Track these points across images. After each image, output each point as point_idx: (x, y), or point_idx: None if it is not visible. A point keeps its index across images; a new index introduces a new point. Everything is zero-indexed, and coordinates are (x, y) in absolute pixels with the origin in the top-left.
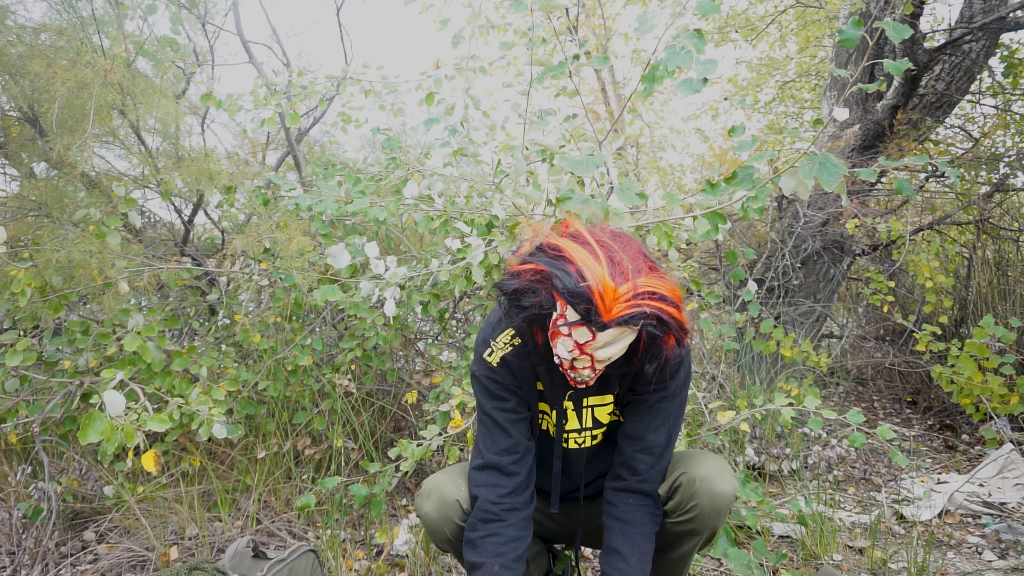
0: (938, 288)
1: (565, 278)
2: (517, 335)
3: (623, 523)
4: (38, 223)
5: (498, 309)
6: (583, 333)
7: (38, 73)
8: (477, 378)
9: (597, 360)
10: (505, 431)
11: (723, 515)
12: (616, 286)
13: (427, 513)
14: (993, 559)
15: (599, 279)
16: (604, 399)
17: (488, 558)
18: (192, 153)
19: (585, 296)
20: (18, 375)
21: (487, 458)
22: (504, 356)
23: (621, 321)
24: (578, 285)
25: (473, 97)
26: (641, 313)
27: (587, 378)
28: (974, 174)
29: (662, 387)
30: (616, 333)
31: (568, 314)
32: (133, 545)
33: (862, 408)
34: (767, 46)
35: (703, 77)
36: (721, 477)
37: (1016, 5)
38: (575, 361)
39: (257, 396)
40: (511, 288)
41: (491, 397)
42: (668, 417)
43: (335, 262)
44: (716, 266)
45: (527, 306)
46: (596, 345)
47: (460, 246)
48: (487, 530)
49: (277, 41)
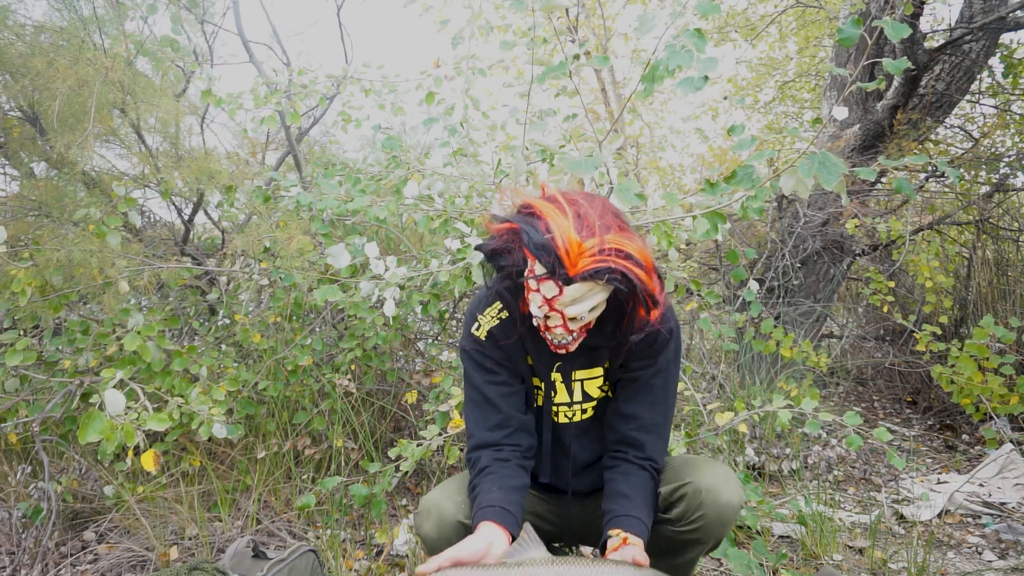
0: (938, 288)
1: (533, 232)
2: (504, 308)
3: (625, 475)
4: (38, 223)
5: (484, 288)
6: (550, 287)
7: (39, 71)
8: (467, 352)
9: (568, 318)
10: (495, 406)
11: (729, 525)
12: (581, 240)
13: (427, 533)
14: (993, 559)
15: (564, 233)
16: (593, 372)
17: (486, 482)
18: (192, 153)
19: (550, 248)
20: (18, 375)
21: (478, 437)
22: (491, 329)
23: (586, 275)
24: (543, 237)
25: (473, 97)
26: (606, 268)
27: (564, 341)
28: (974, 174)
29: (651, 362)
30: (583, 289)
31: (536, 268)
32: (133, 545)
33: (862, 408)
34: (767, 46)
35: (704, 75)
36: (727, 487)
37: (1016, 5)
38: (548, 320)
39: (257, 396)
40: (488, 248)
41: (481, 370)
42: (661, 394)
43: (335, 262)
44: (716, 266)
45: (504, 266)
46: (564, 300)
47: (460, 246)
48: (480, 473)
49: (277, 41)
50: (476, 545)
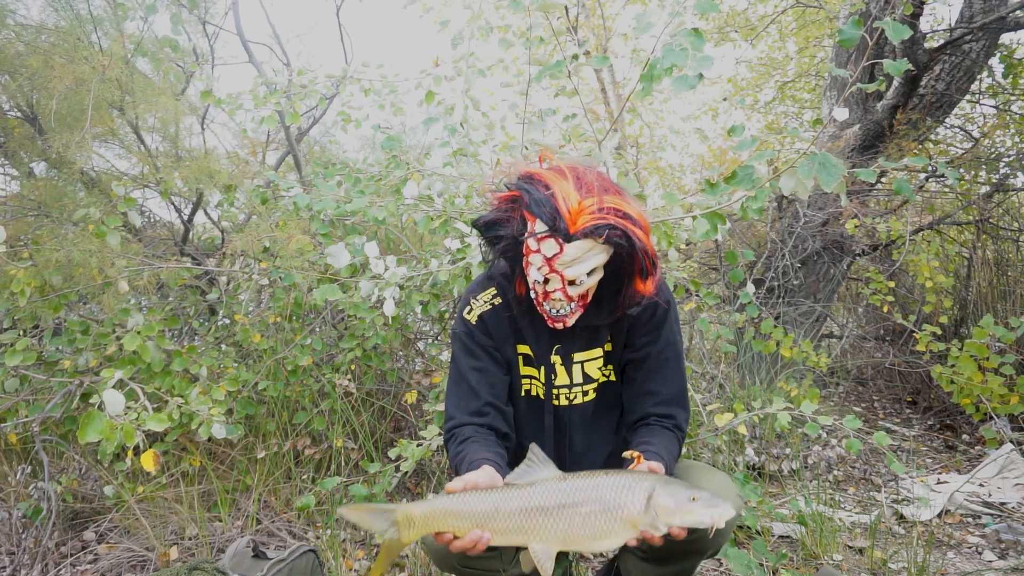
0: (938, 288)
1: (533, 192)
2: (498, 295)
3: (649, 432)
4: (38, 223)
5: (482, 273)
6: (551, 245)
7: (36, 69)
8: (456, 335)
9: (567, 282)
10: (475, 393)
11: (726, 536)
12: (581, 198)
13: (432, 542)
14: (993, 559)
15: (564, 192)
16: (592, 353)
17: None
18: (192, 153)
19: (550, 205)
20: (18, 375)
21: (458, 419)
22: (482, 314)
23: (587, 232)
24: (543, 195)
25: (472, 98)
26: (607, 225)
27: (563, 312)
28: (974, 174)
29: (656, 336)
30: (583, 247)
31: (536, 227)
32: (133, 545)
33: (862, 408)
34: (767, 46)
35: (698, 73)
36: (725, 497)
37: (1016, 5)
38: (547, 284)
39: (257, 396)
40: (486, 219)
41: (468, 355)
42: (673, 365)
43: (335, 261)
44: (716, 266)
45: (502, 236)
46: (564, 259)
47: (460, 246)
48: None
49: (277, 41)
50: (484, 475)
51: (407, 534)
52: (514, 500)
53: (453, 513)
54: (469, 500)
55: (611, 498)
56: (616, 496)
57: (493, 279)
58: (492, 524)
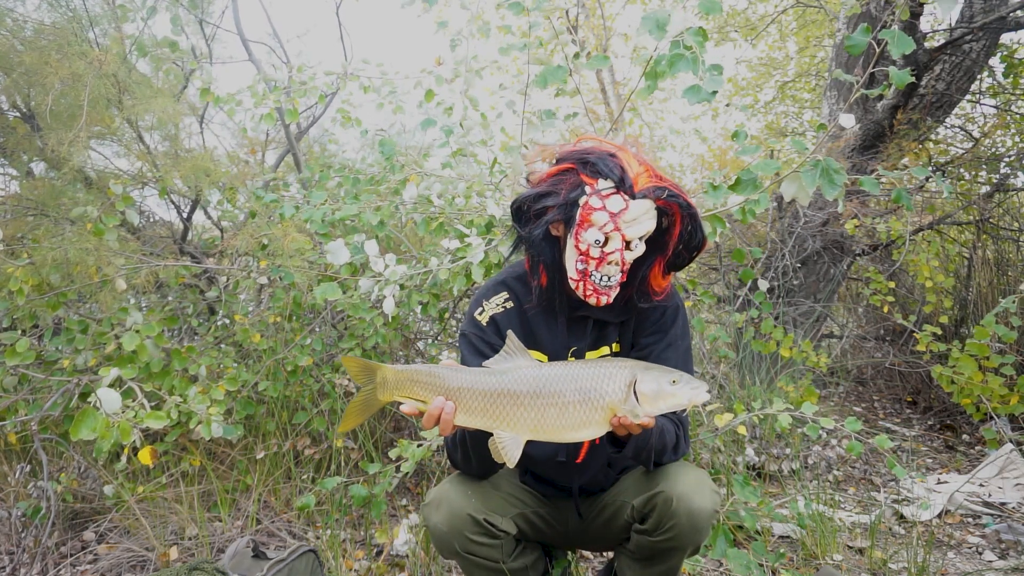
0: (938, 288)
1: (595, 158)
2: (510, 299)
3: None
4: (36, 222)
5: (492, 278)
6: (617, 201)
7: (30, 65)
8: (466, 336)
9: (626, 240)
10: None
11: (704, 531)
12: (638, 163)
13: (436, 524)
14: (993, 559)
15: (627, 159)
16: (601, 352)
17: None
18: (191, 152)
19: (617, 165)
20: (17, 374)
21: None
22: (494, 315)
23: (648, 192)
24: (608, 157)
25: (471, 98)
26: (665, 187)
27: (614, 279)
28: (974, 174)
29: (661, 336)
30: (644, 207)
31: (601, 185)
32: (133, 545)
33: (862, 408)
34: (767, 46)
35: (713, 90)
36: (699, 493)
37: (1016, 5)
38: (606, 245)
39: (257, 396)
40: (532, 193)
41: (477, 354)
42: (673, 364)
43: (334, 258)
44: (716, 266)
45: (550, 206)
46: (628, 216)
47: (459, 246)
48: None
49: (277, 40)
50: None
51: (382, 392)
52: (487, 382)
53: (424, 383)
54: (443, 373)
55: (591, 387)
56: (596, 384)
57: (504, 284)
58: (461, 399)
